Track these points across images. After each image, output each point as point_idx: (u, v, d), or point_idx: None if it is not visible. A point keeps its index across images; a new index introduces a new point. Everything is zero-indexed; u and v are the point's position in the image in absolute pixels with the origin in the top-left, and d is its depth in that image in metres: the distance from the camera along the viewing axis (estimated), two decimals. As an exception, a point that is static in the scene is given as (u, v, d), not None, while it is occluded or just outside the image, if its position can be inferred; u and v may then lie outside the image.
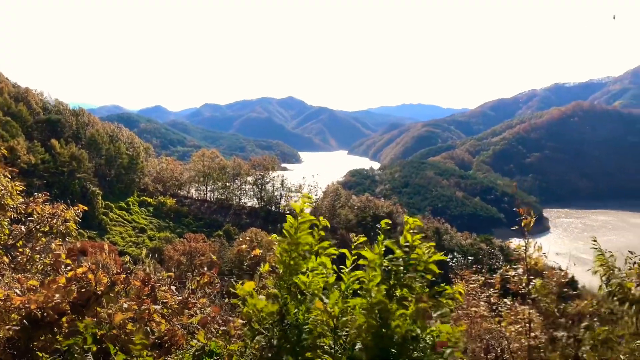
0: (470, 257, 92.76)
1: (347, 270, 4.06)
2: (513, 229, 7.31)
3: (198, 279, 6.91)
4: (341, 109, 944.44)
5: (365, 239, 4.35)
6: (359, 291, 4.00)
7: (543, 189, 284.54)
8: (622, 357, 5.94)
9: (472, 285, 10.50)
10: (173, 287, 6.37)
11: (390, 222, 4.41)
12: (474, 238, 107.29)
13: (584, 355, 6.23)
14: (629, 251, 6.62)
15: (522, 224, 7.18)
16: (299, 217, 4.28)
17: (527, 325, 6.98)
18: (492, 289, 8.03)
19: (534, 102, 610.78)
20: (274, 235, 4.46)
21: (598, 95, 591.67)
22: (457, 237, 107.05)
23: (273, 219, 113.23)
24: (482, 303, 8.60)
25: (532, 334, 6.87)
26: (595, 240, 6.77)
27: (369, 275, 3.90)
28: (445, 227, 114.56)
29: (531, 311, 7.16)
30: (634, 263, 6.45)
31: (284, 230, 4.31)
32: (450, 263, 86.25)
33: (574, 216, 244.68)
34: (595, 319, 6.38)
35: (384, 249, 4.14)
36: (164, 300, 5.85)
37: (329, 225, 4.41)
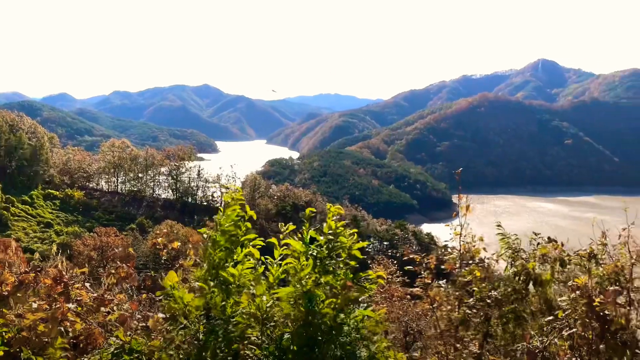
0: (385, 243, 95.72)
1: (275, 260, 4.05)
2: (455, 214, 7.59)
3: (113, 273, 6.63)
4: (259, 97, 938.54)
5: (294, 227, 4.37)
6: (289, 280, 4.01)
7: (452, 176, 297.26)
8: (532, 332, 6.40)
9: (390, 270, 10.89)
10: (87, 284, 6.07)
11: (314, 210, 4.46)
12: (389, 224, 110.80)
13: (496, 331, 6.65)
14: (533, 232, 7.09)
15: (463, 208, 7.48)
16: (228, 208, 4.21)
17: (456, 306, 7.32)
18: (426, 271, 8.32)
19: (444, 93, 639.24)
20: (204, 229, 4.36)
21: (502, 87, 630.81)
22: (374, 224, 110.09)
23: (189, 210, 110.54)
24: (415, 284, 8.91)
25: (456, 315, 7.22)
26: (499, 225, 7.19)
27: (300, 264, 3.92)
28: (362, 214, 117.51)
29: (455, 293, 7.52)
30: (538, 244, 6.92)
31: (215, 222, 4.23)
32: (367, 249, 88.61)
33: (479, 201, 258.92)
34: (505, 299, 6.80)
35: (309, 237, 4.18)
36: (78, 298, 5.55)
37: (255, 216, 4.39)
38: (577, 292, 5.67)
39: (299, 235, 4.07)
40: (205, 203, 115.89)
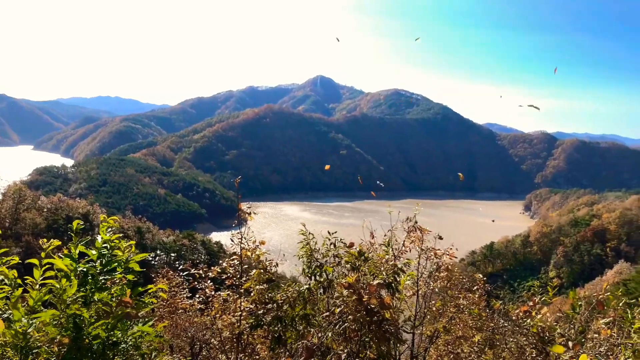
0: (173, 254, 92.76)
1: (36, 280, 3.59)
2: (234, 224, 7.57)
3: None
4: (24, 97, 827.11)
5: (59, 243, 3.93)
6: (52, 301, 3.59)
7: (241, 184, 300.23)
8: (312, 330, 6.83)
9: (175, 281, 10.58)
10: None
11: (82, 223, 4.09)
12: (176, 235, 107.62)
13: (286, 332, 6.93)
14: (328, 232, 7.56)
15: (244, 215, 7.51)
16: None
17: (239, 314, 7.36)
18: (209, 281, 8.21)
19: (232, 103, 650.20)
20: None
21: (286, 100, 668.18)
22: (160, 235, 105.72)
23: None
24: (197, 297, 8.72)
25: (244, 321, 7.29)
26: (304, 225, 7.54)
27: (62, 284, 3.53)
28: (148, 225, 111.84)
29: (237, 300, 7.58)
30: (331, 243, 7.42)
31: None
32: (153, 262, 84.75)
33: (264, 208, 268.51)
34: (299, 300, 7.12)
35: (78, 252, 3.82)
36: None
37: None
38: (349, 289, 6.24)
39: (66, 252, 3.68)
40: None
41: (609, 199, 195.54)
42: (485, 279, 11.33)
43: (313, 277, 7.28)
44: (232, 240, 7.62)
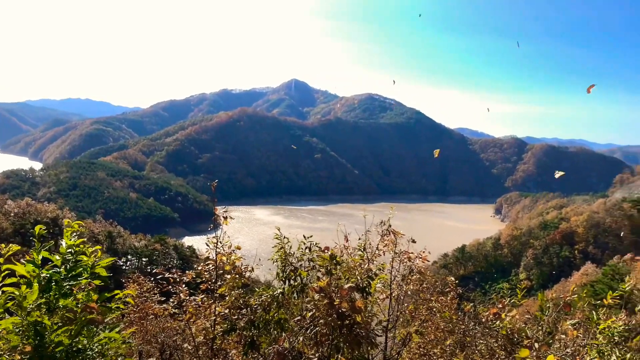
0: (144, 259, 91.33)
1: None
2: (210, 228, 7.49)
3: None
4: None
5: (18, 247, 3.82)
6: (11, 309, 3.47)
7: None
8: (284, 334, 6.79)
9: (146, 286, 10.41)
10: None
11: (46, 227, 3.99)
12: (148, 239, 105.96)
13: (259, 337, 6.88)
14: (303, 235, 7.54)
15: (220, 220, 7.44)
16: None
17: (213, 319, 7.27)
18: (184, 286, 8.09)
19: (205, 106, 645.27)
20: None
21: (260, 103, 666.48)
22: (131, 240, 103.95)
23: None
24: (170, 301, 8.59)
25: (218, 326, 7.21)
26: (279, 229, 7.49)
27: (22, 291, 3.42)
28: (119, 230, 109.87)
29: (212, 305, 7.49)
30: (306, 247, 7.39)
31: None
32: (124, 267, 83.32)
33: (236, 212, 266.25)
34: (273, 305, 7.07)
35: (42, 258, 3.71)
36: None
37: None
38: (320, 293, 6.22)
39: (28, 257, 3.57)
40: None
41: (577, 202, 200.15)
42: (457, 281, 11.41)
43: (287, 281, 7.26)
44: (208, 245, 7.55)
